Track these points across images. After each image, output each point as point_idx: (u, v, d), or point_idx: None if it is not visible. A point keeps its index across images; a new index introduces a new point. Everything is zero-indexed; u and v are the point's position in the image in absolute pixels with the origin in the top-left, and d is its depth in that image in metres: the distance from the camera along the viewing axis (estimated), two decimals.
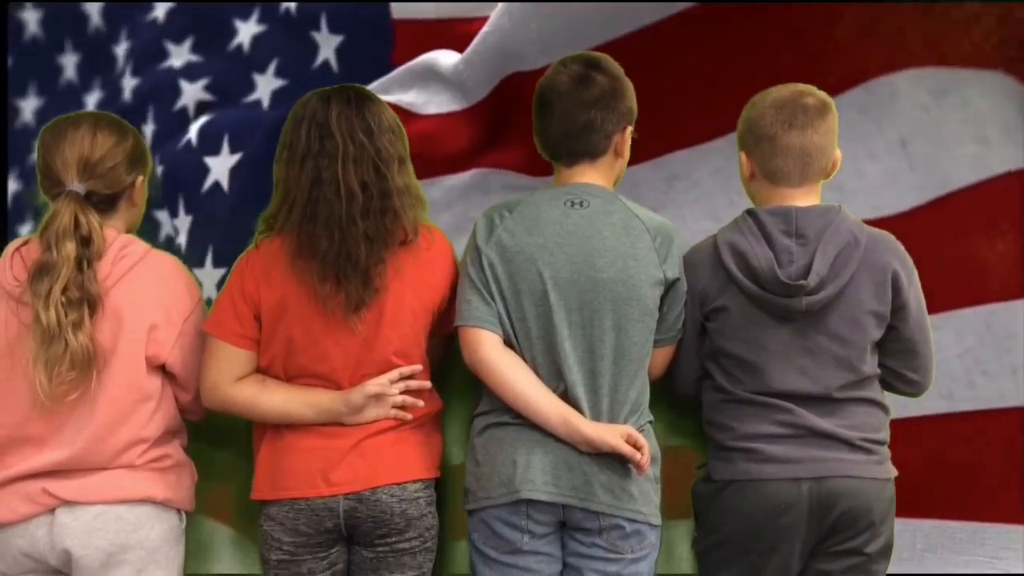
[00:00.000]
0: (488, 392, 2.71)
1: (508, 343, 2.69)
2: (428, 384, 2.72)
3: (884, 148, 3.69)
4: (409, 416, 2.68)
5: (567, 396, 2.66)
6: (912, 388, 2.83)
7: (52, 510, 2.59)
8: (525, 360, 2.68)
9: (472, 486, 2.71)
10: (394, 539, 2.66)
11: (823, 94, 2.78)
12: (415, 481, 2.67)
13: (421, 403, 2.69)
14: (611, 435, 2.63)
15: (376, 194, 2.62)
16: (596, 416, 2.66)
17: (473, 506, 2.70)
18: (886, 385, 2.81)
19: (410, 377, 2.69)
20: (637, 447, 2.63)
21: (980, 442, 3.67)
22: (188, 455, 2.76)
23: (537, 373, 2.67)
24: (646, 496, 2.68)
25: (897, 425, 2.80)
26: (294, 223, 2.63)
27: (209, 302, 2.77)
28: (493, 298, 2.68)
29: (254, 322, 2.67)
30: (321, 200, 2.61)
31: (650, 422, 2.74)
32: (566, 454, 2.64)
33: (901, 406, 3.03)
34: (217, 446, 2.89)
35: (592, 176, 2.76)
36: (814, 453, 2.68)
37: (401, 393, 2.67)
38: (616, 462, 2.65)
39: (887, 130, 3.69)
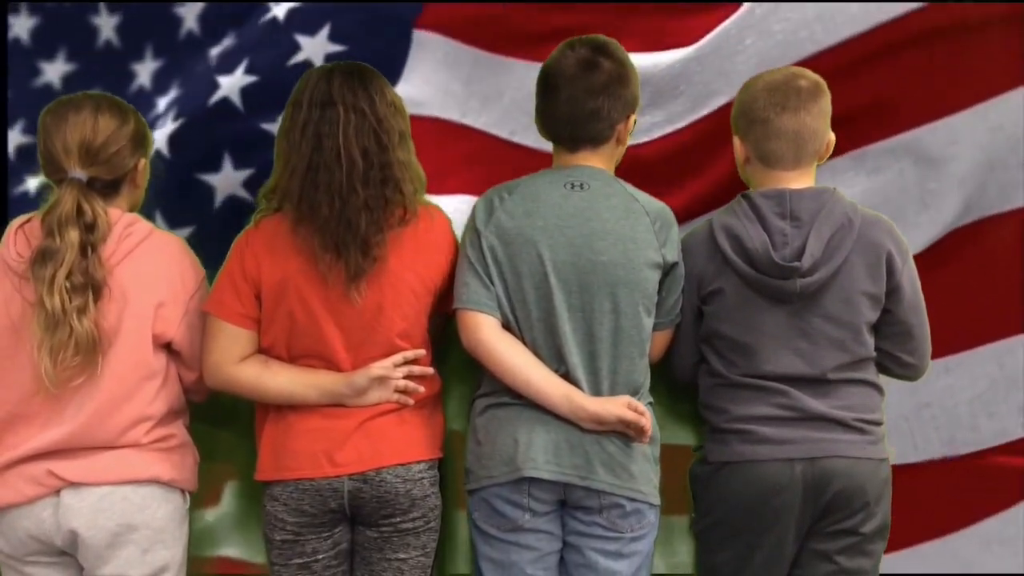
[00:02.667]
0: (489, 375, 2.73)
1: (506, 326, 2.71)
2: (431, 370, 2.74)
3: (945, 188, 3.67)
4: (411, 401, 2.70)
5: (568, 378, 2.68)
6: (908, 371, 2.86)
7: (57, 492, 2.60)
8: (525, 342, 2.70)
9: (473, 466, 2.73)
10: (398, 519, 2.68)
11: (816, 76, 2.80)
12: (419, 462, 2.69)
13: (422, 389, 2.71)
14: (615, 406, 2.66)
15: (377, 164, 2.64)
16: (596, 397, 2.68)
17: (474, 486, 2.72)
18: (883, 369, 2.84)
19: (414, 362, 2.71)
20: (639, 414, 2.66)
21: (978, 475, 3.67)
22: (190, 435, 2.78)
23: (538, 355, 2.69)
24: (646, 476, 2.71)
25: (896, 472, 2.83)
26: (294, 191, 2.64)
27: None
28: (492, 281, 2.69)
29: (255, 301, 2.69)
30: (322, 167, 2.62)
31: (650, 403, 2.76)
32: (567, 433, 2.67)
33: (900, 454, 3.06)
34: (219, 427, 2.90)
35: (593, 161, 2.77)
36: (808, 434, 2.70)
37: (404, 377, 2.69)
38: (617, 441, 2.68)
39: (943, 174, 3.67)
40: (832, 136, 2.81)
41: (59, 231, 2.58)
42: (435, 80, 4.17)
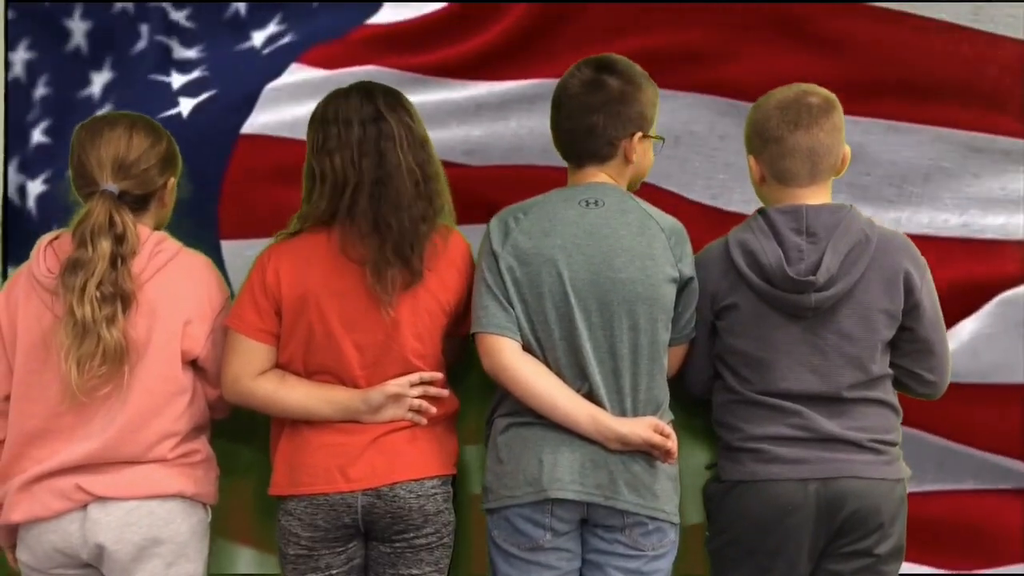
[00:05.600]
0: (511, 397, 2.72)
1: (527, 347, 2.71)
2: (446, 392, 2.76)
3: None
4: (424, 420, 2.72)
5: (591, 396, 2.68)
6: (929, 389, 2.83)
7: (84, 506, 2.65)
8: (547, 363, 2.70)
9: (493, 484, 2.73)
10: (411, 535, 2.69)
11: (827, 92, 2.79)
12: (432, 477, 2.71)
13: (435, 410, 2.73)
14: (642, 428, 2.66)
15: (430, 175, 2.70)
16: (620, 415, 2.68)
17: (495, 504, 2.72)
18: (903, 387, 2.82)
19: (430, 383, 2.73)
20: (665, 436, 2.66)
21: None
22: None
23: (560, 375, 2.69)
24: (668, 495, 2.71)
25: None
26: (362, 207, 2.65)
27: None
28: (512, 304, 2.69)
29: (274, 317, 2.72)
30: (387, 181, 2.65)
31: (672, 420, 2.76)
32: (592, 452, 2.66)
33: None
34: (238, 441, 2.94)
35: (603, 177, 2.78)
36: (822, 454, 2.69)
37: (419, 397, 2.71)
38: (641, 461, 2.68)
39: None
40: (847, 149, 2.80)
41: (91, 241, 2.63)
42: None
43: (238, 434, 2.93)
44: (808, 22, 3.67)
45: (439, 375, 2.75)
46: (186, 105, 3.97)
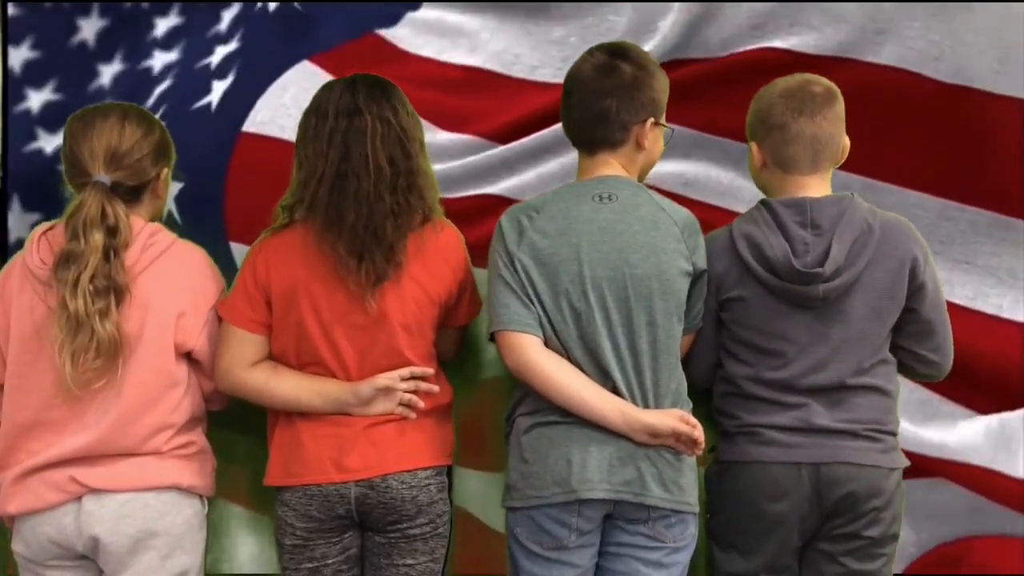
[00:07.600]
0: (533, 394, 2.69)
1: (547, 345, 2.68)
2: (436, 388, 2.75)
3: None
4: (412, 415, 2.71)
5: (614, 393, 2.66)
6: (932, 369, 2.85)
7: (79, 498, 2.64)
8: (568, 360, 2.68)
9: (518, 483, 2.70)
10: (405, 525, 2.69)
11: (829, 82, 2.80)
12: (425, 468, 2.70)
13: (423, 404, 2.72)
14: (670, 419, 2.64)
15: (403, 171, 2.67)
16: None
17: (520, 503, 2.69)
18: (907, 369, 2.83)
19: (421, 378, 2.72)
20: (692, 426, 2.65)
21: None
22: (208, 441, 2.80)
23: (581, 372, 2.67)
24: (691, 486, 2.70)
25: None
26: (322, 198, 2.66)
27: None
28: (531, 301, 2.67)
29: (265, 308, 2.72)
30: (349, 175, 2.65)
31: (690, 410, 2.73)
32: (619, 448, 2.64)
33: None
34: (238, 432, 2.93)
35: (614, 166, 2.75)
36: (816, 440, 2.71)
37: (409, 392, 2.70)
38: (667, 455, 2.66)
39: None
40: (847, 140, 2.80)
41: (84, 233, 2.61)
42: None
43: (239, 426, 2.92)
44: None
45: (430, 371, 2.74)
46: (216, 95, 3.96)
